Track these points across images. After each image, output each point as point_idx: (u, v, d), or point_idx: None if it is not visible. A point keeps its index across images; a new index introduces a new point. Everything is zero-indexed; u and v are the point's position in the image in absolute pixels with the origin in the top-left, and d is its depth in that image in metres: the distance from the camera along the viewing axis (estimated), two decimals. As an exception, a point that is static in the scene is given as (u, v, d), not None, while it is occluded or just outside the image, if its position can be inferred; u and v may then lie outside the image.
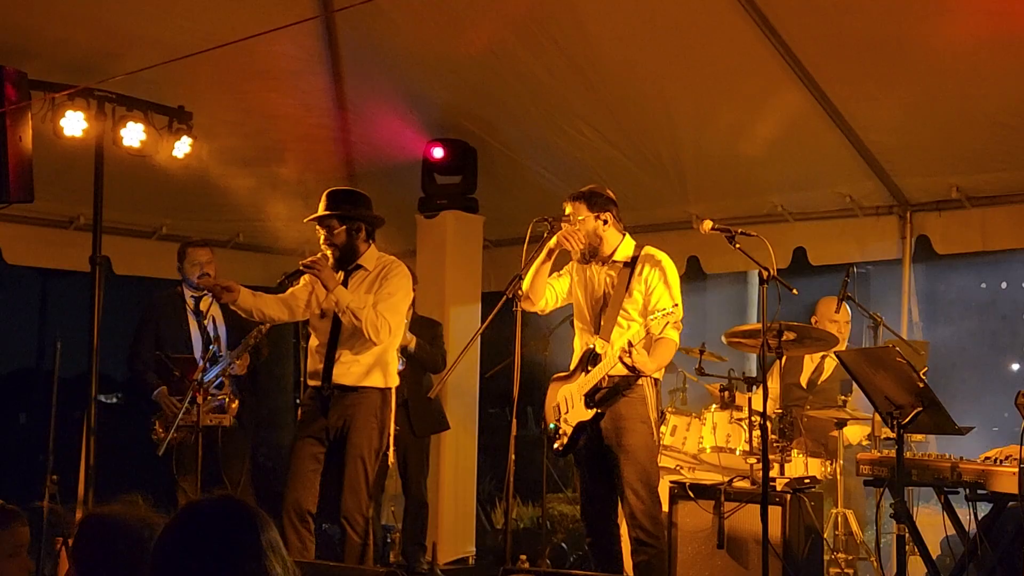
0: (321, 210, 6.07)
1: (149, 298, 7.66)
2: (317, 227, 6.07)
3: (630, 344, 5.32)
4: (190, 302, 7.02)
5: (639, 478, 5.48)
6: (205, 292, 6.99)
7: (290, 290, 6.18)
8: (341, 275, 6.02)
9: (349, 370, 5.95)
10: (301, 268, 5.91)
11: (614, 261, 5.69)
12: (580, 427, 5.61)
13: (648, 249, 5.73)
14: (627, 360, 5.34)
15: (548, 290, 5.76)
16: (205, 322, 6.96)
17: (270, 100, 8.25)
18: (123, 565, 2.67)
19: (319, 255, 5.95)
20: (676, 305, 5.39)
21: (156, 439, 6.77)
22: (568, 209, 5.67)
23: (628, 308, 5.60)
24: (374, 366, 5.98)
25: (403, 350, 7.24)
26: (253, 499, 7.01)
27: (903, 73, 6.68)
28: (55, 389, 6.87)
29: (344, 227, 6.01)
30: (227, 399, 6.86)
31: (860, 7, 6.44)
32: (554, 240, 5.61)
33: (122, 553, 2.69)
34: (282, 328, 7.26)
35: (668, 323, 5.35)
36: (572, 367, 5.78)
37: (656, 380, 5.66)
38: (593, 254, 5.68)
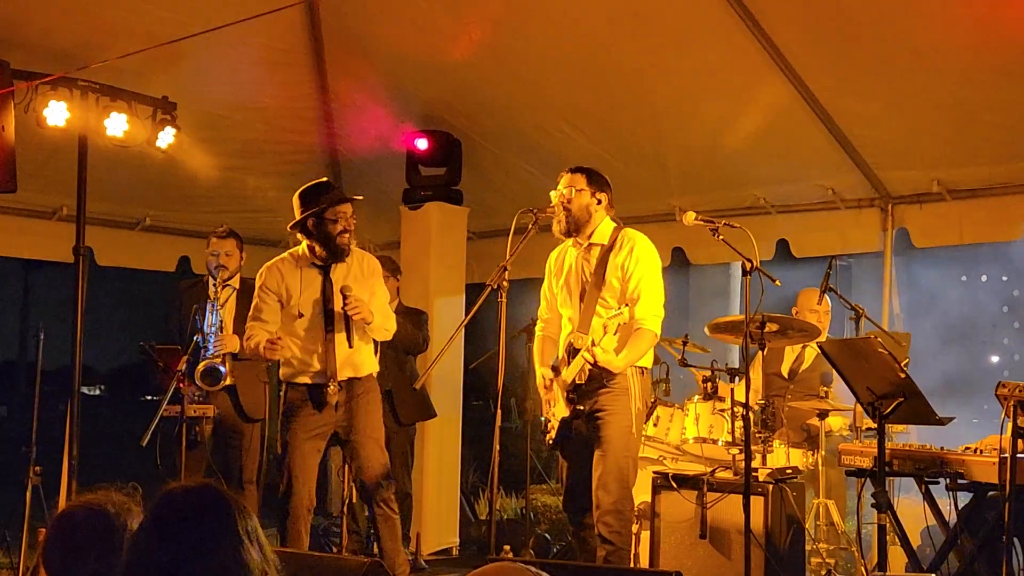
0: (326, 197, 6.05)
1: (175, 286, 7.64)
2: (344, 213, 6.01)
3: (593, 342, 5.32)
4: (211, 291, 6.99)
5: (610, 472, 5.46)
6: (226, 284, 6.99)
7: (267, 323, 6.08)
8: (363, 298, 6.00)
9: (353, 361, 6.00)
10: (352, 316, 5.88)
11: (592, 244, 5.68)
12: (566, 420, 5.62)
13: (627, 231, 5.71)
14: (588, 358, 5.34)
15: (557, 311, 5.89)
16: (220, 310, 6.93)
17: (254, 91, 8.24)
18: (92, 552, 2.67)
19: (353, 299, 5.86)
20: (626, 306, 5.36)
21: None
22: (563, 182, 5.66)
23: (606, 296, 5.58)
24: (367, 353, 6.11)
25: None
26: (256, 494, 7.01)
27: (886, 67, 6.71)
28: (38, 380, 6.85)
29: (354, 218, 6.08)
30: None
31: (844, 1, 6.47)
32: None
33: (90, 540, 2.69)
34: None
35: (620, 323, 5.32)
36: (561, 354, 5.78)
37: (643, 369, 5.65)
38: (576, 230, 5.66)
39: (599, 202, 5.66)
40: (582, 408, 5.53)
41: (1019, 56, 6.28)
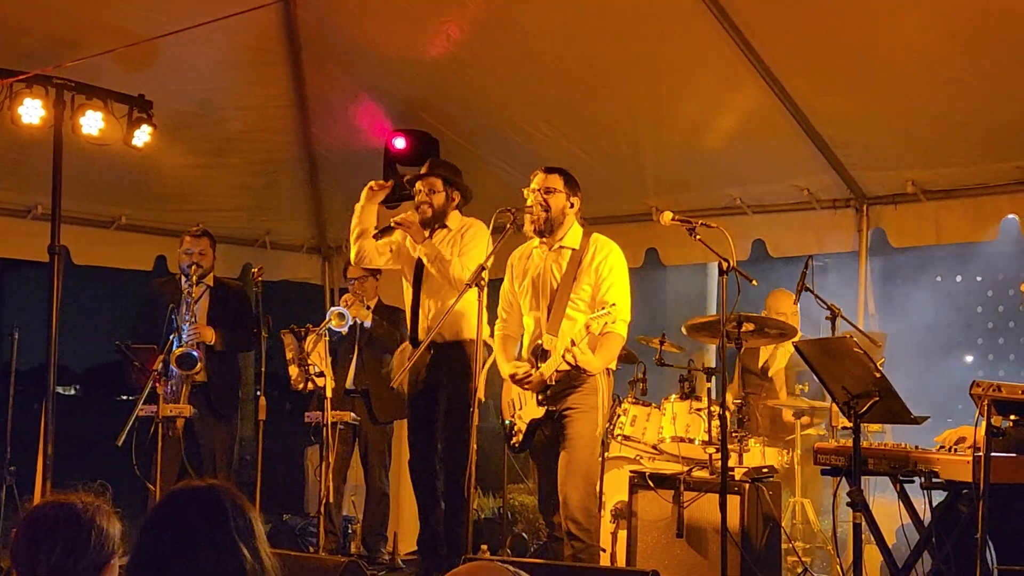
0: (426, 169, 6.63)
1: (148, 284, 7.63)
2: (418, 184, 6.54)
3: (572, 343, 5.32)
4: (184, 288, 6.98)
5: (577, 470, 5.48)
6: (200, 282, 6.99)
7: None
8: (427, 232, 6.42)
9: (443, 321, 6.17)
10: (392, 225, 6.40)
11: (561, 247, 5.69)
12: (534, 423, 5.61)
13: (597, 237, 5.72)
14: (570, 360, 5.35)
15: (521, 320, 5.86)
16: (193, 309, 6.91)
17: (230, 89, 8.21)
18: (58, 545, 2.67)
19: (407, 214, 6.42)
20: (614, 304, 5.36)
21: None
22: (538, 180, 5.65)
23: (576, 299, 5.59)
24: (456, 315, 6.16)
25: (360, 329, 7.30)
26: None
27: (861, 68, 6.74)
28: (12, 380, 6.81)
29: (444, 191, 6.47)
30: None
31: (819, 2, 6.50)
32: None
33: (56, 534, 2.69)
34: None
35: (607, 323, 5.34)
36: (525, 356, 5.76)
37: (609, 369, 5.67)
38: (548, 231, 5.66)
39: (572, 205, 5.68)
40: (554, 409, 5.53)
41: (994, 57, 6.32)
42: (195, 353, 6.78)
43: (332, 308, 6.94)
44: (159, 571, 2.29)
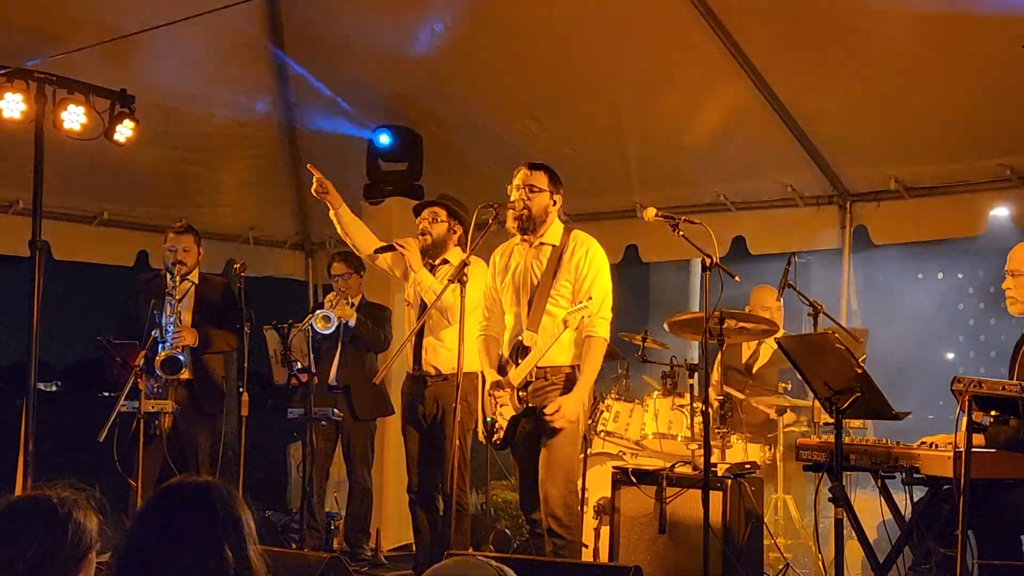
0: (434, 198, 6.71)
1: (130, 280, 7.59)
2: (423, 211, 6.55)
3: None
4: (169, 285, 6.95)
5: (558, 467, 5.46)
6: (184, 279, 6.97)
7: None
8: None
9: (441, 355, 6.41)
10: (394, 245, 6.39)
11: (542, 244, 5.68)
12: (515, 419, 5.61)
13: (577, 233, 5.71)
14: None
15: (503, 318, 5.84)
16: (178, 308, 6.88)
17: (213, 84, 8.19)
18: (34, 542, 2.65)
19: (408, 239, 6.42)
20: (591, 299, 5.37)
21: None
22: (521, 176, 5.62)
23: (556, 296, 5.57)
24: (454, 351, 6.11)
25: (344, 325, 7.28)
26: None
27: (845, 65, 6.77)
28: (-7, 376, 6.76)
29: (447, 222, 6.49)
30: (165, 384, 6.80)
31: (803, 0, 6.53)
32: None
33: (31, 529, 2.67)
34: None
35: (583, 317, 5.34)
36: (506, 354, 5.76)
37: None
38: (531, 229, 5.65)
39: (554, 203, 5.66)
40: (533, 406, 5.53)
41: (977, 55, 6.35)
42: (181, 357, 6.74)
43: (318, 311, 6.92)
44: (143, 565, 2.29)
